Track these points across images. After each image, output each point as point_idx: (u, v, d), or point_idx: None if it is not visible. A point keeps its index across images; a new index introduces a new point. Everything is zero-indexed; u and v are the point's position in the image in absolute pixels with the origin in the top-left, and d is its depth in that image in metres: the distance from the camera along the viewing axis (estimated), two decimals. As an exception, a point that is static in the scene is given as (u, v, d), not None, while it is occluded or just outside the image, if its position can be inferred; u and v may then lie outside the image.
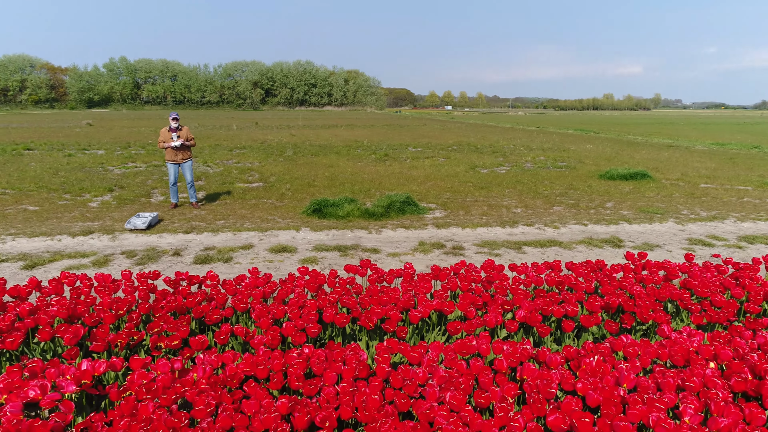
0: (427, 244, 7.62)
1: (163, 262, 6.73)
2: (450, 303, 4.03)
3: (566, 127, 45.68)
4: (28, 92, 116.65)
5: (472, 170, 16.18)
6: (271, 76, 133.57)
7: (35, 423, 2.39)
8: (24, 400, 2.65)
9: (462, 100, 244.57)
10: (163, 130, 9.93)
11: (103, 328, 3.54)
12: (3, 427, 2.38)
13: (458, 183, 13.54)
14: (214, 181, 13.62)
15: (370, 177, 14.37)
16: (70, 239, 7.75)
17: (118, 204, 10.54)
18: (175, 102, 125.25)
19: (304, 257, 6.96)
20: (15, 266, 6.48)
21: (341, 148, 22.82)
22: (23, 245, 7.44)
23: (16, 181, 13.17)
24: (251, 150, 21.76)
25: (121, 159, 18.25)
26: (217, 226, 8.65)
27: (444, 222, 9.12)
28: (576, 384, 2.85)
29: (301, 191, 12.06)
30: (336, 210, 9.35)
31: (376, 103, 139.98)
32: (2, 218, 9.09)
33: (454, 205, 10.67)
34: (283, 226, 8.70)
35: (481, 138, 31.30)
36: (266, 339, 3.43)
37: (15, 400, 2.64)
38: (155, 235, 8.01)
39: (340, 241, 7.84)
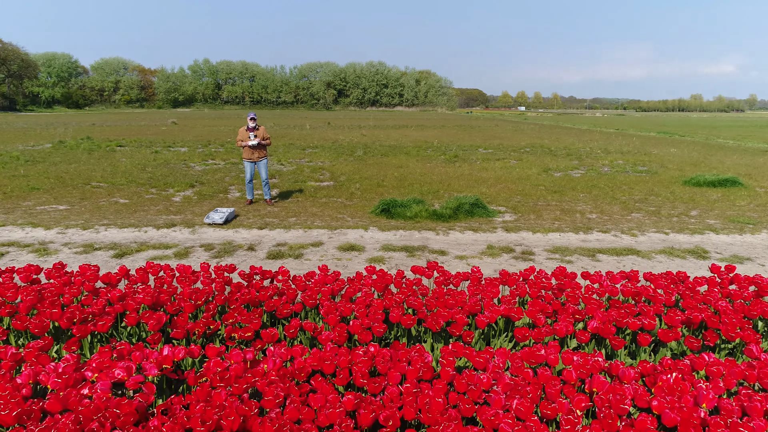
0: (495, 248, 7.50)
1: (238, 256, 7.03)
2: (518, 309, 3.94)
3: (648, 130, 43.40)
4: (121, 92, 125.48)
5: (545, 173, 15.73)
6: (344, 76, 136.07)
7: (122, 401, 2.58)
8: (112, 379, 2.86)
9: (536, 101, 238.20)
10: (242, 129, 10.36)
11: (182, 317, 3.76)
12: (94, 402, 2.58)
13: (530, 186, 13.21)
14: (287, 179, 14.06)
15: (439, 178, 14.32)
16: (155, 231, 8.27)
17: (198, 199, 11.12)
18: (253, 102, 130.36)
19: (371, 256, 7.05)
20: (107, 254, 7.00)
21: (411, 149, 22.88)
22: (114, 235, 8.02)
23: (109, 175, 14.20)
24: (323, 149, 22.27)
25: (201, 156, 19.24)
26: (289, 223, 8.94)
27: (514, 226, 8.93)
28: (651, 401, 2.71)
29: (370, 191, 12.21)
30: (404, 210, 9.39)
31: (447, 104, 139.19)
32: (97, 210, 9.83)
33: (524, 208, 10.43)
34: (352, 225, 8.85)
35: (556, 140, 30.36)
36: (333, 335, 3.51)
37: (105, 379, 2.86)
38: (231, 230, 8.39)
39: (408, 241, 7.87)
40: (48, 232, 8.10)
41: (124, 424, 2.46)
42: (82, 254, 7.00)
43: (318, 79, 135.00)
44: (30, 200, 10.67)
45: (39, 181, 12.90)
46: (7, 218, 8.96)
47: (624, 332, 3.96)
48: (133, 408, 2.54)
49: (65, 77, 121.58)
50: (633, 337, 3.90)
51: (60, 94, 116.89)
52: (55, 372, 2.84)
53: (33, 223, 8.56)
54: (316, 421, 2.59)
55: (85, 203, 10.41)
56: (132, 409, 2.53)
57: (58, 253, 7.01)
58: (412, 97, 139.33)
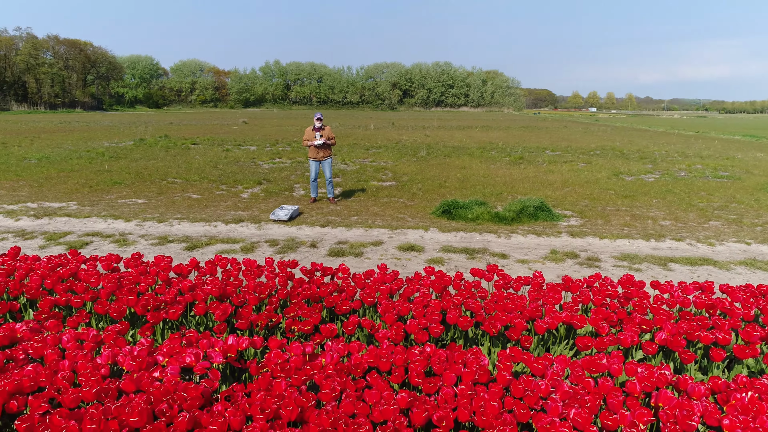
0: (559, 253, 7.29)
1: (300, 252, 7.23)
2: (581, 317, 3.83)
3: (732, 133, 40.68)
4: (196, 93, 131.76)
5: (615, 177, 15.11)
6: (409, 77, 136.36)
7: (189, 386, 2.72)
8: (181, 364, 3.03)
9: (608, 102, 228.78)
10: (308, 129, 10.63)
11: (247, 309, 3.91)
12: (164, 385, 2.74)
13: (598, 190, 12.73)
14: (350, 178, 14.28)
15: (502, 180, 14.08)
16: (223, 226, 8.64)
17: (265, 196, 11.51)
18: (320, 102, 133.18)
19: (430, 257, 7.04)
20: (179, 246, 7.39)
21: (474, 150, 22.62)
22: (186, 229, 8.45)
23: (183, 171, 14.96)
24: (386, 149, 22.43)
25: (269, 155, 19.88)
26: (350, 221, 9.08)
27: (580, 231, 8.65)
28: (722, 420, 2.56)
29: (432, 192, 12.19)
30: (465, 212, 9.31)
31: (514, 104, 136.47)
32: (171, 204, 10.39)
33: (592, 213, 10.07)
34: (413, 225, 8.87)
35: (628, 142, 29.07)
36: (390, 334, 3.55)
37: (174, 363, 3.03)
38: (295, 227, 8.63)
39: (468, 243, 7.80)
40: (127, 224, 8.65)
41: (190, 407, 2.60)
42: (157, 246, 7.43)
43: (384, 79, 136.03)
44: (112, 194, 11.42)
45: (121, 176, 13.78)
46: (92, 210, 9.65)
47: (695, 346, 3.76)
48: (199, 392, 2.68)
49: (147, 78, 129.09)
50: (705, 352, 3.69)
51: (142, 94, 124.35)
52: (130, 355, 3.05)
53: (114, 216, 9.17)
54: (371, 416, 2.63)
55: (161, 198, 11.03)
56: (198, 393, 2.67)
57: (136, 245, 7.47)
58: (477, 97, 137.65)
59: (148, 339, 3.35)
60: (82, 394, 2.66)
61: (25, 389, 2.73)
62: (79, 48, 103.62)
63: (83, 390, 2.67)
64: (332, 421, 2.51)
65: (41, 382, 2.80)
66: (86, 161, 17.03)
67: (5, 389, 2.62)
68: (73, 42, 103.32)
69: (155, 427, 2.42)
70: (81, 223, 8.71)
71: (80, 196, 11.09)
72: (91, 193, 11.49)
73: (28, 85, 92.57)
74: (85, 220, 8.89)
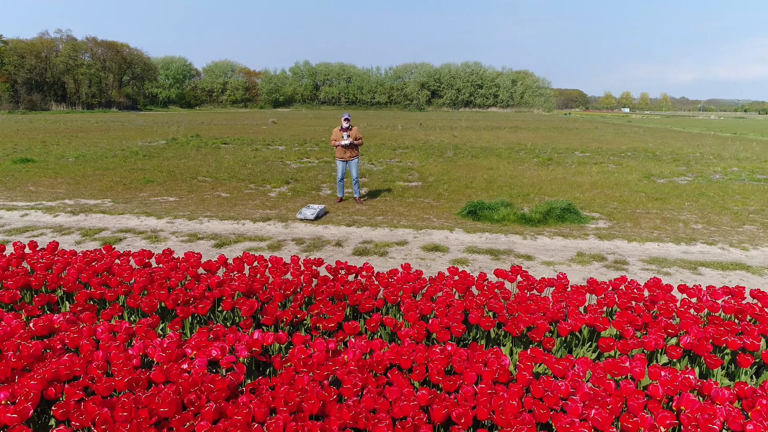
0: (585, 256, 7.22)
1: (326, 250, 7.32)
2: (605, 320, 3.80)
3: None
4: (227, 93, 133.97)
5: (647, 179, 14.82)
6: (438, 77, 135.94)
7: (216, 378, 2.82)
8: (208, 357, 3.13)
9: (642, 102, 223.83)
10: (336, 129, 10.74)
11: (272, 305, 4.01)
12: (192, 377, 2.84)
13: (628, 192, 12.52)
14: (376, 178, 14.36)
15: (530, 181, 13.96)
16: (251, 224, 8.80)
17: (292, 195, 11.67)
18: (348, 102, 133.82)
19: (454, 258, 7.05)
20: (208, 244, 7.57)
21: (502, 151, 22.46)
22: (215, 226, 8.64)
23: (213, 170, 15.27)
24: (413, 150, 22.45)
25: (297, 155, 20.12)
26: (376, 221, 9.15)
27: (607, 233, 8.53)
28: (746, 425, 2.53)
29: (458, 192, 12.17)
30: (491, 213, 9.28)
31: (544, 105, 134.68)
32: (201, 202, 10.63)
33: (621, 215, 9.91)
34: (438, 225, 8.88)
35: (661, 144, 28.44)
36: (412, 332, 3.59)
37: (202, 356, 3.13)
38: (321, 226, 8.73)
39: (493, 244, 7.78)
40: (159, 221, 8.89)
41: (217, 398, 2.69)
42: (187, 242, 7.63)
43: (412, 79, 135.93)
44: (145, 191, 11.74)
45: (153, 174, 14.15)
46: (125, 207, 9.94)
47: (722, 351, 3.69)
48: (226, 384, 2.77)
49: (180, 79, 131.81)
50: (732, 358, 3.63)
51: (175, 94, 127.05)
52: (160, 347, 3.16)
53: (147, 213, 9.43)
54: (391, 412, 2.68)
55: (192, 196, 11.30)
56: (224, 385, 2.76)
57: (167, 241, 7.68)
58: (507, 97, 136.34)
59: (176, 332, 3.46)
60: (115, 383, 2.78)
61: (62, 377, 2.87)
62: (116, 49, 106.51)
63: (116, 379, 2.79)
64: (353, 415, 2.56)
65: (76, 371, 2.93)
66: (120, 160, 17.53)
67: (44, 377, 2.75)
68: (110, 43, 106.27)
69: (183, 417, 2.52)
70: (115, 219, 9.00)
71: (114, 193, 11.44)
72: (124, 190, 11.83)
73: (67, 86, 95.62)
74: (119, 216, 9.17)
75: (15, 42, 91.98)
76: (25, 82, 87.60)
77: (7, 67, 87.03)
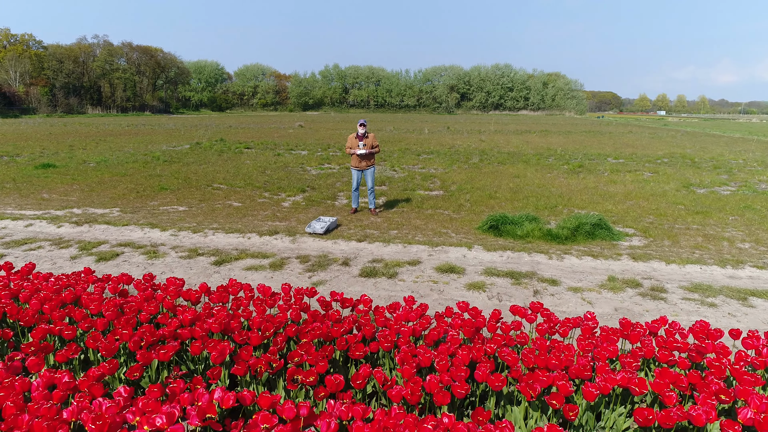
0: (618, 281, 6.47)
1: (331, 270, 6.77)
2: (641, 381, 3.12)
3: (819, 139, 37.25)
4: (258, 97, 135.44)
5: (685, 189, 13.85)
6: (468, 80, 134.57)
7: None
8: (152, 428, 2.59)
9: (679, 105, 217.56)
10: (351, 136, 10.20)
11: (247, 350, 3.46)
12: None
13: (665, 204, 11.62)
14: (396, 186, 13.77)
15: (558, 191, 13.16)
16: (257, 238, 8.32)
17: (306, 205, 11.18)
18: (377, 105, 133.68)
19: (471, 281, 6.40)
20: (208, 260, 7.11)
21: (530, 157, 21.60)
22: (219, 240, 8.19)
23: (230, 177, 14.93)
24: (438, 155, 21.79)
25: (319, 160, 19.69)
26: (389, 236, 8.55)
27: (643, 253, 7.74)
28: None
29: (481, 203, 11.48)
30: (514, 228, 8.58)
31: (576, 108, 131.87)
32: (211, 212, 10.23)
33: (657, 231, 9.08)
34: (455, 242, 8.23)
35: (700, 149, 27.06)
36: (406, 392, 2.99)
37: (144, 424, 2.60)
38: (330, 241, 8.19)
39: (515, 265, 7.10)
40: (162, 234, 8.50)
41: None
42: (186, 259, 7.18)
43: (441, 82, 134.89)
44: (157, 200, 11.42)
45: (169, 181, 13.87)
46: (132, 217, 9.60)
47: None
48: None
49: (212, 83, 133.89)
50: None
51: (207, 98, 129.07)
52: (96, 412, 2.64)
53: (152, 224, 9.06)
54: None
55: (202, 205, 10.91)
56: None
57: (166, 257, 7.25)
58: (538, 100, 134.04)
59: (127, 388, 2.94)
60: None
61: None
62: (150, 54, 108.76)
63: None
64: None
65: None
66: (141, 165, 17.38)
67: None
68: (145, 48, 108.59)
69: None
70: (118, 231, 8.64)
71: (125, 202, 11.14)
72: (136, 198, 11.54)
73: (103, 90, 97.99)
74: (123, 228, 8.82)
75: (54, 47, 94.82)
76: (62, 86, 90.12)
77: (46, 72, 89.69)
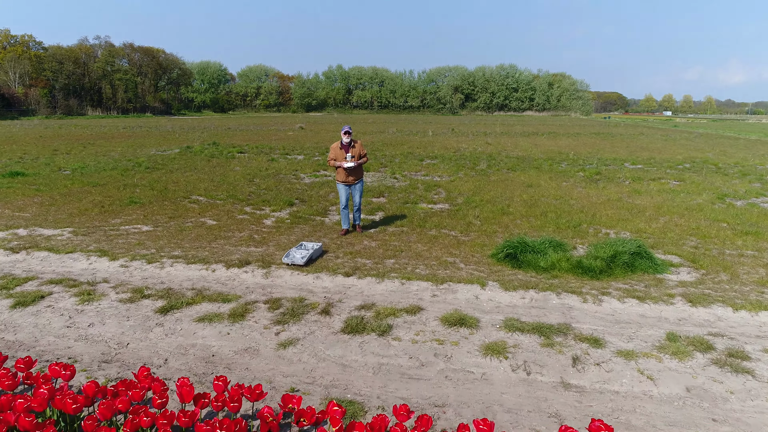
0: (680, 340, 4.95)
1: (306, 322, 5.27)
2: None
3: (842, 141, 35.52)
4: (261, 98, 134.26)
5: (721, 201, 12.30)
6: (472, 80, 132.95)
7: None
8: None
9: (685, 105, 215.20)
10: (334, 146, 8.72)
11: None
12: None
13: (705, 222, 10.08)
14: (396, 198, 12.28)
15: (579, 204, 11.63)
16: (223, 271, 6.83)
17: (291, 223, 9.70)
18: (380, 106, 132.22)
19: (488, 340, 4.90)
20: (153, 306, 5.63)
21: (542, 162, 20.07)
22: (176, 274, 6.71)
23: (213, 187, 13.47)
24: (442, 160, 20.29)
25: (314, 166, 18.22)
26: (384, 267, 7.05)
27: (699, 293, 6.21)
28: None
29: (492, 220, 9.97)
30: (536, 258, 7.08)
31: (581, 108, 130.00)
32: (178, 234, 8.76)
33: (707, 260, 7.55)
34: (465, 276, 6.72)
35: (721, 153, 25.46)
36: None
37: None
38: (312, 275, 6.69)
39: (542, 313, 5.59)
40: (111, 264, 7.03)
41: None
42: (126, 303, 5.71)
43: (445, 83, 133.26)
44: (121, 216, 9.97)
45: (143, 193, 12.43)
46: (82, 241, 8.14)
47: None
48: None
49: (215, 84, 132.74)
50: None
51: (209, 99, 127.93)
52: None
53: (102, 251, 7.58)
54: None
55: (171, 223, 9.44)
56: None
57: (102, 300, 5.78)
58: (543, 101, 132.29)
59: None
60: None
61: None
62: (152, 55, 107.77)
63: None
64: None
65: None
66: (120, 173, 15.96)
67: None
68: (146, 49, 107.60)
69: None
70: (59, 260, 7.18)
71: (83, 219, 9.68)
72: (98, 215, 10.09)
73: (104, 91, 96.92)
74: (66, 256, 7.35)
75: (55, 49, 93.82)
76: (62, 87, 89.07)
77: (46, 73, 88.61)
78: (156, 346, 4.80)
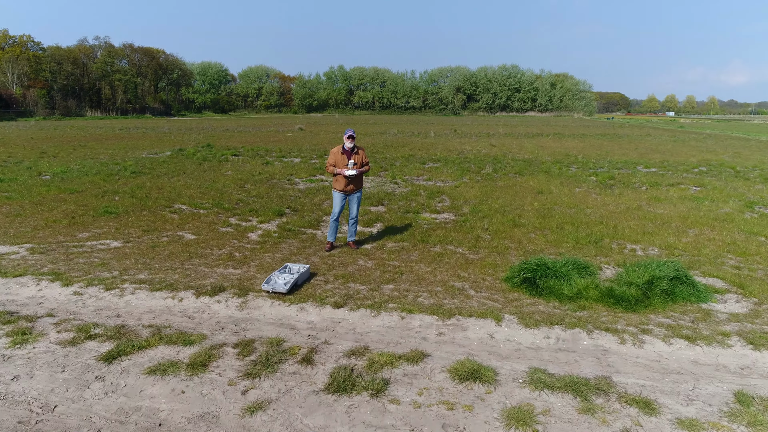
0: (754, 402, 3.92)
1: (282, 376, 4.25)
2: None
3: None
4: (262, 98, 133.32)
5: (750, 210, 11.27)
6: (474, 81, 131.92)
7: None
8: None
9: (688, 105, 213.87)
10: (335, 150, 7.72)
11: None
12: None
13: (740, 234, 9.05)
14: (396, 206, 11.26)
15: (597, 214, 10.60)
16: (191, 300, 5.82)
17: (278, 237, 8.69)
18: (382, 107, 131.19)
19: (509, 404, 3.87)
20: (97, 351, 4.61)
21: (550, 165, 19.03)
22: (136, 304, 5.70)
23: (200, 194, 12.47)
24: (445, 163, 19.26)
25: (310, 170, 17.23)
26: (381, 295, 6.03)
27: (758, 330, 5.18)
28: None
29: (503, 234, 8.94)
30: (559, 284, 6.05)
31: (584, 109, 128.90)
32: (150, 250, 7.75)
33: (755, 284, 6.51)
34: (476, 307, 5.69)
35: (735, 155, 24.39)
36: None
37: None
38: (295, 306, 5.68)
39: (572, 359, 4.57)
40: (62, 291, 6.02)
41: None
42: (66, 346, 4.69)
43: (447, 83, 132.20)
44: (90, 230, 8.96)
45: (122, 201, 11.43)
46: (37, 261, 7.14)
47: None
48: None
49: (216, 84, 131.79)
50: None
51: (210, 100, 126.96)
52: None
53: (57, 273, 6.57)
54: None
55: (144, 239, 8.43)
56: None
57: (37, 343, 4.76)
58: (545, 101, 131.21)
59: None
60: None
61: None
62: (152, 56, 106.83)
63: None
64: None
65: None
66: (102, 178, 14.96)
67: None
68: (146, 50, 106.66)
69: None
70: (3, 286, 6.17)
71: (46, 233, 8.68)
72: (66, 227, 9.08)
73: (103, 92, 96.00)
74: (14, 281, 6.35)
75: (53, 49, 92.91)
76: (61, 88, 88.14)
77: (44, 74, 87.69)
78: (90, 409, 3.79)
